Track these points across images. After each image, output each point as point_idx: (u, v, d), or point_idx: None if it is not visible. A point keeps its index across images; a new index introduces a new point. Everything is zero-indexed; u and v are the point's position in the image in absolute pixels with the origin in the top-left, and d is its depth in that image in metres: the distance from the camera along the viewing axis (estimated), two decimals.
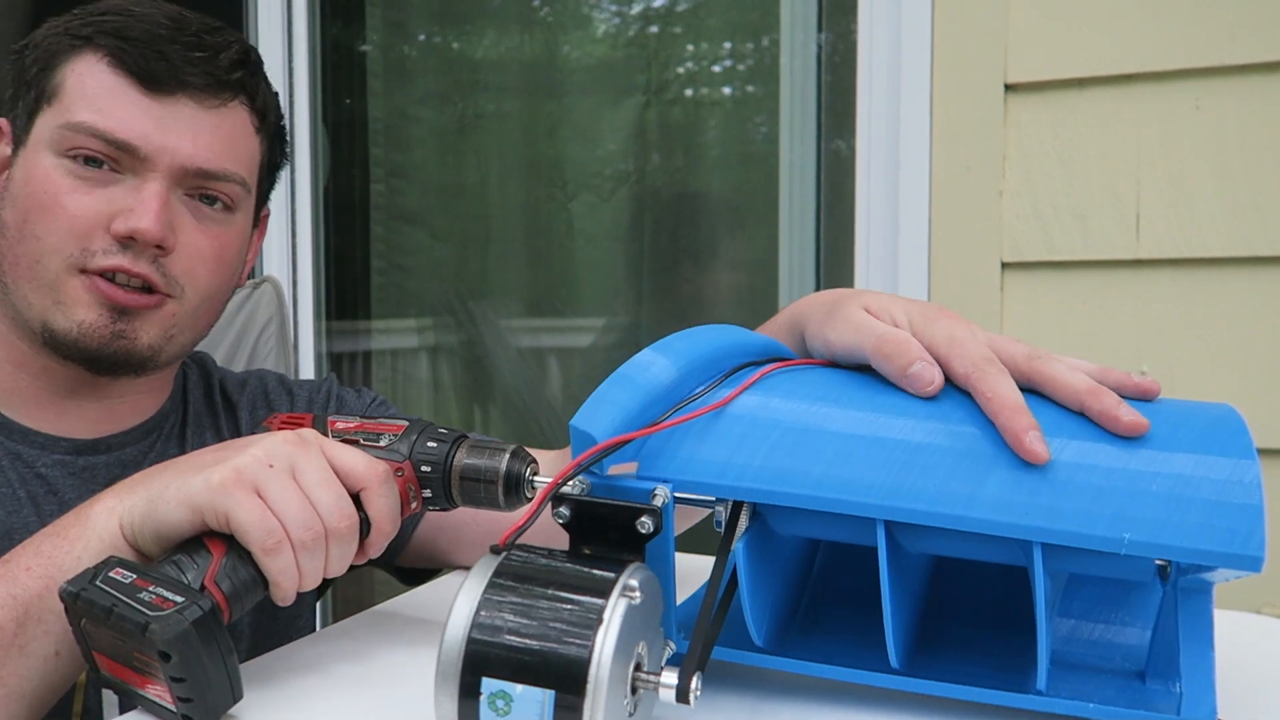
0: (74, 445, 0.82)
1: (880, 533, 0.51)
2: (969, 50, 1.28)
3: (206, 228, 0.80)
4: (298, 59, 1.78)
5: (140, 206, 0.76)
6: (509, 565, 0.48)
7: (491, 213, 1.96)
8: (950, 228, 1.30)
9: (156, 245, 0.76)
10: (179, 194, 0.79)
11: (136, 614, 0.52)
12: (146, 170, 0.77)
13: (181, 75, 0.77)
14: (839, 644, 0.58)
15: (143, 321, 0.78)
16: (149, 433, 0.86)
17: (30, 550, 0.61)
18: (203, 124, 0.78)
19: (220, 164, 0.79)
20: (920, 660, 0.56)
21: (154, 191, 0.76)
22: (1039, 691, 0.51)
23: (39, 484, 0.80)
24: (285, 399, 0.94)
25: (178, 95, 0.77)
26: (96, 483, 0.80)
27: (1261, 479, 0.49)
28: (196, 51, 0.78)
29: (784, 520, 0.56)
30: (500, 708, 0.45)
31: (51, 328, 0.77)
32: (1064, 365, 0.56)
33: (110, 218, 0.76)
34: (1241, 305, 1.20)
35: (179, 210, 0.79)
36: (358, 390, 0.97)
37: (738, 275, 1.79)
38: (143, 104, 0.77)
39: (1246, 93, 1.18)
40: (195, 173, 0.78)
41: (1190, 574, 0.56)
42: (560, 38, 1.88)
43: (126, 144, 0.76)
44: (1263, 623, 0.72)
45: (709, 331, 0.62)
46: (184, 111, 0.78)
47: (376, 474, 0.61)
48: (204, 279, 0.81)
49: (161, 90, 0.77)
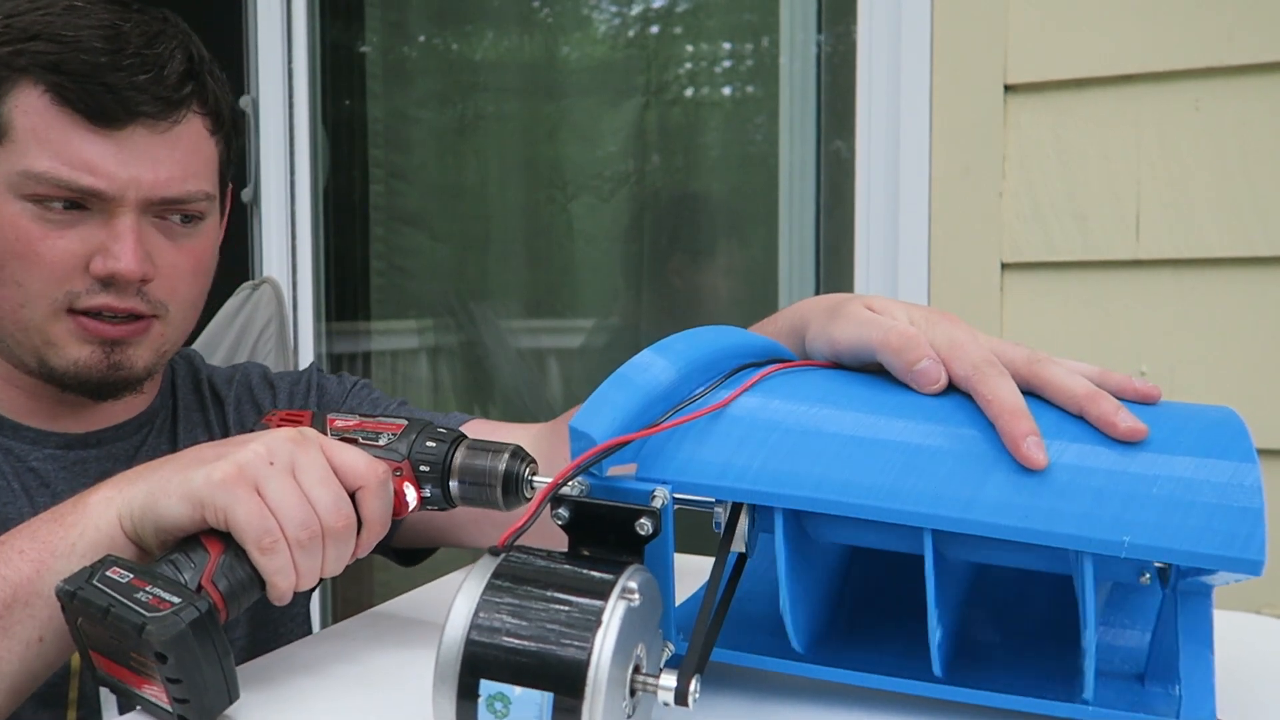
0: (65, 440, 0.83)
1: (927, 541, 0.51)
2: (969, 51, 1.28)
3: (181, 244, 0.80)
4: (297, 60, 1.78)
5: (116, 245, 0.75)
6: (508, 567, 0.48)
7: (491, 214, 1.96)
8: (950, 228, 1.30)
9: (139, 280, 0.77)
10: (148, 219, 0.78)
11: (133, 614, 0.52)
12: (114, 206, 0.76)
13: (131, 106, 0.75)
14: (877, 652, 0.58)
15: (135, 347, 0.79)
16: (140, 427, 0.87)
17: (25, 534, 0.61)
18: (160, 151, 0.77)
19: (183, 188, 0.78)
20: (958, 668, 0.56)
21: (127, 226, 0.76)
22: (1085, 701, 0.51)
23: (31, 477, 0.80)
24: (268, 392, 0.94)
25: (130, 126, 0.75)
26: (88, 476, 0.81)
27: (1262, 482, 0.49)
28: (141, 74, 0.75)
29: (822, 527, 0.56)
30: (499, 710, 0.45)
31: (49, 365, 0.78)
32: (1064, 369, 0.56)
33: (86, 258, 0.76)
34: (1241, 306, 1.20)
35: (151, 235, 0.78)
36: (338, 376, 0.97)
37: (737, 276, 1.79)
38: (96, 142, 0.74)
39: (1246, 93, 1.18)
40: (160, 201, 0.77)
41: (1190, 577, 0.56)
42: (560, 39, 1.88)
43: (92, 190, 0.75)
44: (1262, 623, 0.72)
45: (709, 333, 0.62)
46: (139, 141, 0.76)
47: (376, 474, 0.61)
48: (185, 293, 0.82)
49: (114, 125, 0.75)
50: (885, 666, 0.54)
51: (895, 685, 0.54)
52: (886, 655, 0.57)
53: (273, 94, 1.77)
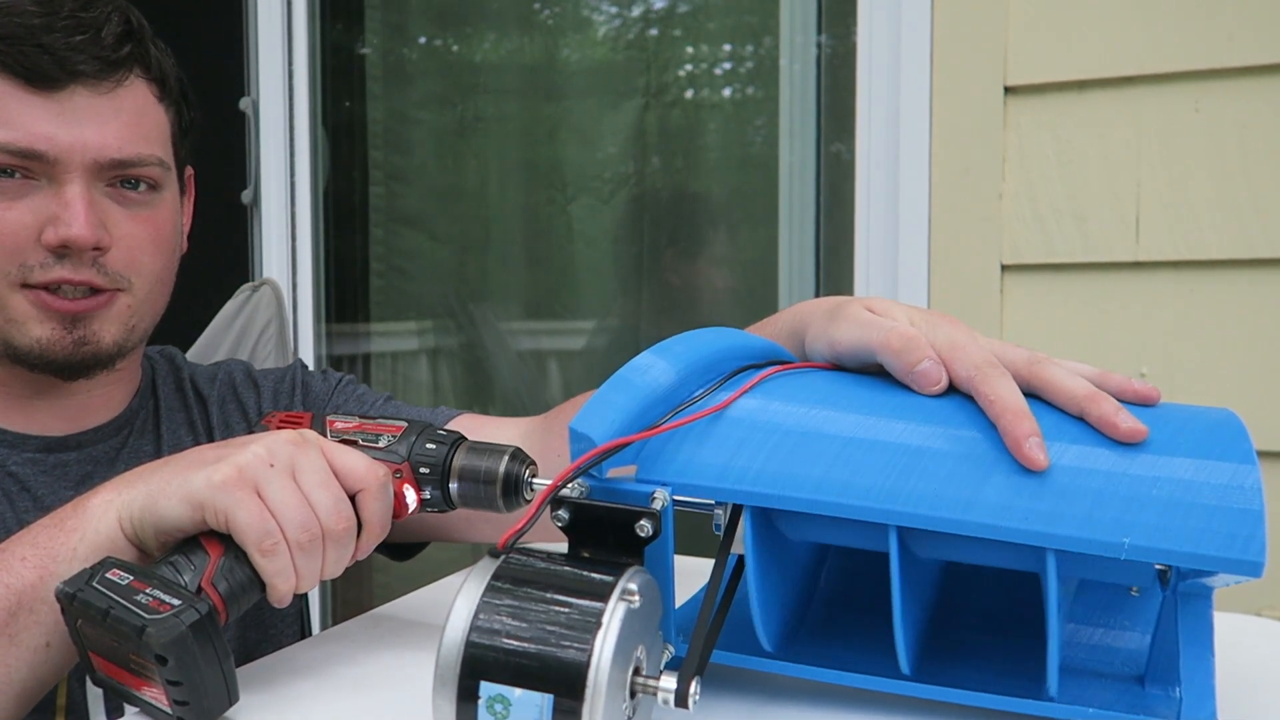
0: (43, 443, 0.82)
1: (893, 538, 0.51)
2: (968, 53, 1.28)
3: (136, 213, 0.79)
4: (298, 62, 1.78)
5: (66, 213, 0.74)
6: (507, 569, 0.48)
7: (491, 215, 1.96)
8: (950, 230, 1.30)
9: (93, 248, 0.75)
10: (100, 187, 0.76)
11: (133, 617, 0.52)
12: (61, 172, 0.74)
13: (69, 66, 0.73)
14: (847, 649, 0.58)
15: (100, 322, 0.78)
16: (120, 429, 0.86)
17: (26, 541, 0.61)
18: (104, 111, 0.75)
19: (134, 149, 0.77)
20: (929, 666, 0.56)
21: (76, 193, 0.74)
22: (1050, 698, 0.51)
23: (11, 482, 0.80)
24: (251, 391, 0.93)
25: (70, 87, 0.74)
26: (68, 479, 0.80)
27: (1262, 484, 0.49)
28: (77, 35, 0.74)
29: (793, 525, 0.56)
30: (499, 711, 0.45)
31: (13, 345, 0.77)
32: (1064, 370, 0.56)
33: (38, 229, 0.74)
34: (1241, 307, 1.20)
35: (105, 205, 0.77)
36: (323, 373, 0.96)
37: (737, 278, 1.79)
38: (36, 104, 0.73)
39: (1246, 95, 1.18)
40: (109, 164, 0.76)
41: (1190, 579, 0.56)
42: (560, 40, 1.88)
43: (33, 152, 0.73)
44: (1263, 625, 0.72)
45: (709, 334, 0.62)
46: (80, 103, 0.74)
47: (376, 477, 0.61)
48: (148, 265, 0.80)
49: (53, 86, 0.73)
50: (853, 664, 0.54)
51: (863, 682, 0.53)
52: (862, 653, 0.57)
53: (273, 95, 1.77)
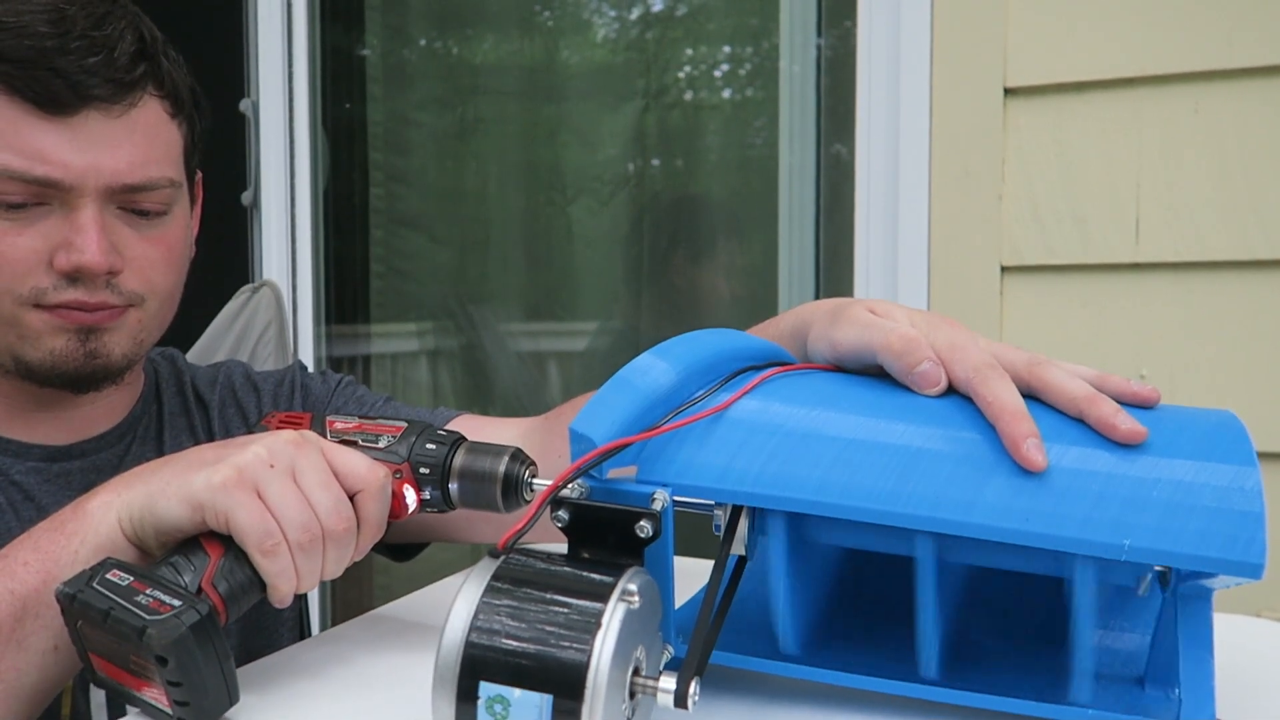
0: (47, 452, 0.81)
1: (924, 546, 0.51)
2: (968, 54, 1.28)
3: (148, 235, 0.78)
4: (298, 63, 1.78)
5: (79, 239, 0.73)
6: (507, 569, 0.48)
7: (491, 217, 1.96)
8: (949, 231, 1.30)
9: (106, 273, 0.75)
10: (112, 209, 0.75)
11: (134, 617, 0.52)
12: (74, 197, 0.73)
13: (83, 90, 0.72)
14: (860, 653, 0.58)
15: (112, 335, 0.77)
16: (122, 436, 0.85)
17: (28, 545, 0.61)
18: (117, 134, 0.74)
19: (145, 173, 0.75)
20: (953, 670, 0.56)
21: (89, 219, 0.73)
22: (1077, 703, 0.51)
23: (15, 491, 0.79)
24: (251, 394, 0.93)
25: (83, 111, 0.73)
26: (72, 488, 0.80)
27: (1262, 486, 0.49)
28: (90, 56, 0.72)
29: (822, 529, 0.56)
30: (498, 712, 0.45)
31: (25, 360, 0.76)
32: (1063, 372, 0.56)
33: (50, 254, 0.74)
34: (1241, 309, 1.20)
35: (116, 227, 0.76)
36: (322, 374, 0.96)
37: (737, 279, 1.79)
38: (49, 130, 0.72)
39: (1245, 96, 1.18)
40: (122, 189, 0.75)
41: (1190, 580, 0.56)
42: (559, 42, 1.88)
43: (47, 180, 0.72)
44: (1262, 626, 0.72)
45: (709, 335, 0.62)
46: (94, 126, 0.73)
47: (376, 478, 0.61)
48: (160, 283, 0.80)
49: (66, 111, 0.72)
50: (879, 669, 0.54)
51: (889, 688, 0.53)
52: (880, 657, 0.57)
53: (273, 97, 1.77)
